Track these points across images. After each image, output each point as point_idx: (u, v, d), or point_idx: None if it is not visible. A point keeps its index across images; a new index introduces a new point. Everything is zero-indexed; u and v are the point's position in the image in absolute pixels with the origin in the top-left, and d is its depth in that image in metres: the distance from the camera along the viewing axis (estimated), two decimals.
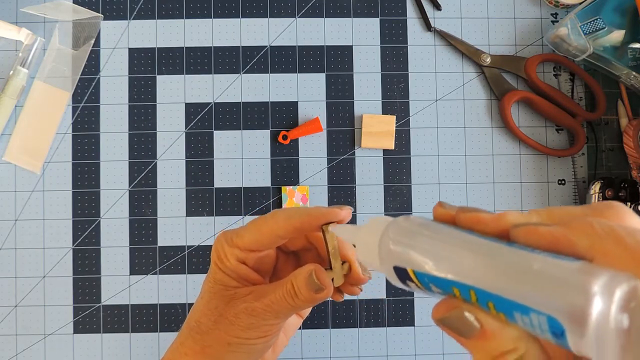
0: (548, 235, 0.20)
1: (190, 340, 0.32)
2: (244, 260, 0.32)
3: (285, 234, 0.31)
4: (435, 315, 0.22)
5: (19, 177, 0.53)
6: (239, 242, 0.32)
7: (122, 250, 0.53)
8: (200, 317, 0.32)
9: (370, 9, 0.55)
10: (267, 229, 0.31)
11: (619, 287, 0.18)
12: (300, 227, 0.31)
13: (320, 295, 0.30)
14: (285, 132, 0.54)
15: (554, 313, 0.18)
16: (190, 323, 0.33)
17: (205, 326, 0.32)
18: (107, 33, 0.54)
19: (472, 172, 0.54)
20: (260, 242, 0.32)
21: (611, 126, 0.55)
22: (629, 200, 0.52)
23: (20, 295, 0.53)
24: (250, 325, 0.30)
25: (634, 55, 0.52)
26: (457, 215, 0.23)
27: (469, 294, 0.21)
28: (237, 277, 0.32)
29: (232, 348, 0.31)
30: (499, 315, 0.20)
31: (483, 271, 0.21)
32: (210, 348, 0.31)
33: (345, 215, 0.31)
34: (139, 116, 0.54)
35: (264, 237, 0.31)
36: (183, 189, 0.54)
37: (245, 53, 0.55)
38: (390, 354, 0.53)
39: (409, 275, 0.23)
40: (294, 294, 0.30)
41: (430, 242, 0.23)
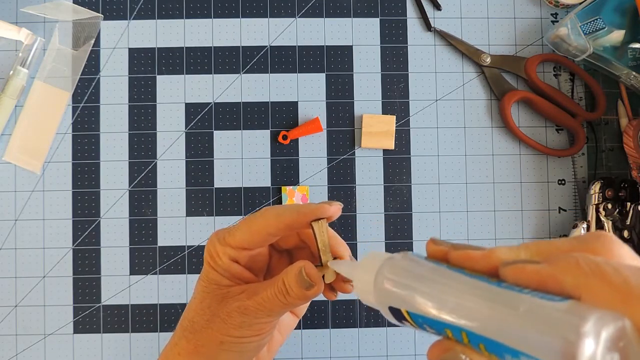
0: (535, 274, 0.20)
1: (183, 340, 0.32)
2: (237, 259, 0.32)
3: (276, 231, 0.31)
4: (431, 357, 0.23)
5: (19, 177, 0.53)
6: (231, 241, 0.32)
7: (122, 250, 0.53)
8: (193, 316, 0.32)
9: (370, 9, 0.55)
10: (258, 227, 0.31)
11: (606, 327, 0.17)
12: (291, 224, 0.31)
13: (311, 292, 0.30)
14: (285, 132, 0.54)
15: (543, 356, 0.18)
16: (184, 323, 0.33)
17: (198, 325, 0.32)
18: (107, 33, 0.54)
19: (472, 172, 0.54)
20: (251, 241, 0.32)
21: (611, 126, 0.55)
22: (629, 200, 0.52)
23: (20, 295, 0.53)
24: (242, 323, 0.30)
25: (634, 55, 0.52)
26: (449, 253, 0.24)
27: (461, 336, 0.21)
28: (229, 275, 0.32)
29: (225, 347, 0.31)
30: (491, 357, 0.21)
31: (473, 314, 0.21)
32: (203, 347, 0.31)
33: (335, 211, 0.31)
34: (139, 116, 0.54)
35: (254, 235, 0.31)
36: (183, 189, 0.54)
37: (245, 53, 0.55)
38: (390, 354, 0.53)
39: (403, 315, 0.24)
40: (285, 292, 0.30)
41: (423, 283, 0.23)
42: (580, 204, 0.54)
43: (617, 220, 0.52)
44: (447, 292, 0.22)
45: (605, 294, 0.18)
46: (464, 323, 0.21)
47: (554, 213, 0.55)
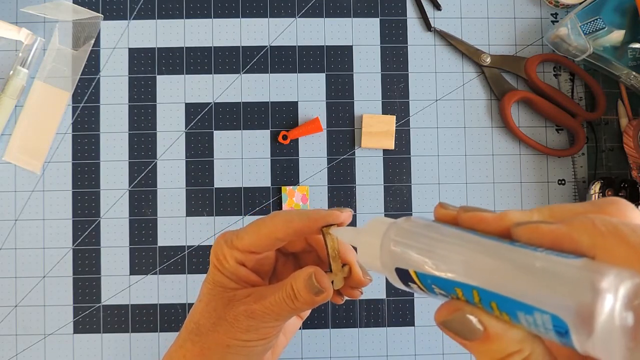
0: (550, 233, 0.20)
1: (189, 343, 0.32)
2: (243, 262, 0.32)
3: (284, 236, 0.31)
4: (438, 318, 0.22)
5: (19, 177, 0.53)
6: (238, 244, 0.31)
7: (122, 250, 0.53)
8: (199, 319, 0.32)
9: (370, 9, 0.55)
10: (266, 231, 0.31)
11: (623, 284, 0.17)
12: (300, 230, 0.31)
13: (320, 298, 0.30)
14: (285, 132, 0.54)
15: (558, 312, 0.18)
16: (189, 325, 0.32)
17: (204, 328, 0.31)
18: (107, 33, 0.54)
19: (472, 172, 0.54)
20: (259, 245, 0.31)
21: (611, 126, 0.55)
22: (629, 200, 0.52)
23: (20, 295, 0.53)
24: (249, 327, 0.30)
25: (634, 55, 0.52)
26: (458, 215, 0.23)
27: (472, 295, 0.21)
28: (236, 278, 0.32)
29: (231, 350, 0.31)
30: (502, 315, 0.20)
31: (485, 271, 0.21)
32: (209, 350, 0.31)
33: (346, 218, 0.31)
34: (139, 116, 0.54)
35: (262, 239, 0.31)
36: (183, 189, 0.54)
37: (245, 53, 0.55)
38: (390, 354, 0.53)
39: (411, 276, 0.23)
40: (293, 297, 0.30)
41: (432, 243, 0.23)
42: None
43: None
44: (458, 250, 0.22)
45: (621, 253, 0.18)
46: (475, 281, 0.21)
47: None
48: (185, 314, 0.53)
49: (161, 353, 0.52)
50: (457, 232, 0.23)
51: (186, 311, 0.53)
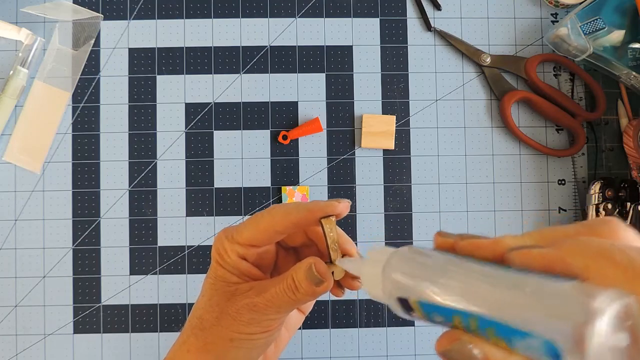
0: (542, 257, 0.20)
1: (192, 338, 0.32)
2: (245, 256, 0.32)
3: (283, 229, 0.32)
4: (439, 348, 0.22)
5: (19, 177, 0.53)
6: (239, 238, 0.32)
7: (122, 250, 0.53)
8: (202, 314, 0.32)
9: (370, 9, 0.55)
10: (265, 224, 0.32)
11: (614, 304, 0.17)
12: (298, 222, 0.31)
13: (321, 289, 0.30)
14: (285, 132, 0.54)
15: (550, 335, 0.18)
16: (192, 320, 0.33)
17: (207, 322, 0.32)
18: (107, 33, 0.54)
19: (472, 172, 0.54)
20: (259, 238, 0.32)
21: (611, 126, 0.55)
22: (629, 200, 0.52)
23: (20, 295, 0.53)
24: (251, 320, 0.31)
25: (634, 55, 0.52)
26: (456, 243, 0.24)
27: (469, 322, 0.21)
28: (238, 272, 0.32)
29: (234, 344, 0.31)
30: (499, 342, 0.20)
31: (480, 297, 0.21)
32: (212, 344, 0.31)
33: (343, 208, 0.31)
34: (139, 116, 0.54)
35: (262, 233, 0.32)
36: (183, 189, 0.54)
37: (245, 53, 0.55)
38: (390, 354, 0.53)
39: (412, 305, 0.24)
40: (294, 288, 0.30)
41: (431, 271, 0.23)
42: (580, 204, 0.54)
43: None
44: (455, 278, 0.22)
45: (612, 274, 0.18)
46: (472, 308, 0.21)
47: (554, 213, 0.55)
48: (185, 314, 0.53)
49: (161, 353, 0.52)
50: (455, 259, 0.23)
51: (186, 311, 0.53)
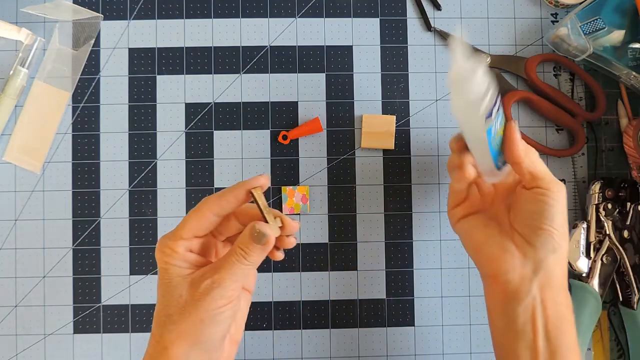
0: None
1: (166, 334, 0.35)
2: (190, 248, 0.37)
3: (219, 210, 0.36)
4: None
5: (19, 177, 0.53)
6: (183, 233, 0.36)
7: (122, 250, 0.53)
8: (167, 311, 0.36)
9: (370, 9, 0.55)
10: (203, 211, 0.36)
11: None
12: (230, 199, 0.36)
13: (265, 245, 0.35)
14: (285, 132, 0.54)
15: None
16: (160, 320, 0.36)
17: (175, 316, 0.35)
18: (107, 33, 0.54)
19: None
20: (199, 226, 0.36)
21: (611, 126, 0.55)
22: (629, 200, 0.52)
23: (20, 295, 0.53)
24: (215, 295, 0.34)
25: (634, 55, 0.52)
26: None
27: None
28: (188, 264, 0.36)
29: (205, 323, 0.34)
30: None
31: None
32: (185, 332, 0.34)
33: (264, 180, 0.37)
34: (139, 116, 0.54)
35: (201, 220, 0.36)
36: (183, 189, 0.54)
37: (245, 53, 0.55)
38: (390, 354, 0.53)
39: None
40: (244, 254, 0.35)
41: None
42: (580, 204, 0.54)
43: (617, 220, 0.52)
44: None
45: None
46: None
47: None
48: None
49: None
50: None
51: None
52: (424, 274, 0.54)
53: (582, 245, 0.51)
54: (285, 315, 0.53)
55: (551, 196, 0.39)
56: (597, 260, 0.51)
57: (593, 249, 0.51)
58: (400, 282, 0.53)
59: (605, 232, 0.51)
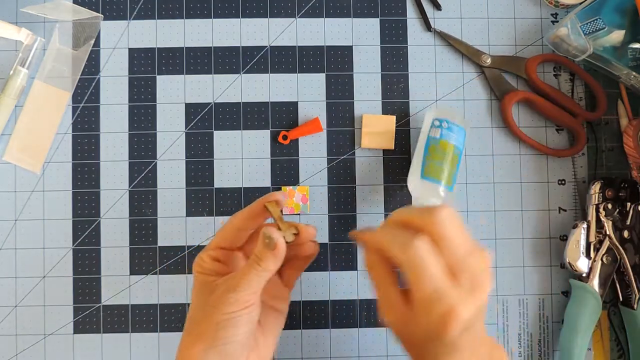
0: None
1: (187, 337, 0.38)
2: (218, 258, 0.40)
3: (241, 224, 0.40)
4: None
5: (19, 177, 0.53)
6: (210, 245, 0.40)
7: (122, 250, 0.53)
8: (192, 315, 0.39)
9: (370, 9, 0.55)
10: (227, 227, 0.40)
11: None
12: (250, 214, 0.40)
13: (276, 251, 0.37)
14: (285, 132, 0.54)
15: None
16: (186, 325, 0.38)
17: (197, 318, 0.38)
18: (107, 33, 0.54)
19: (472, 172, 0.54)
20: (225, 238, 0.40)
21: (611, 126, 0.55)
22: (629, 200, 0.52)
23: (20, 295, 0.53)
24: (230, 299, 0.36)
25: (634, 55, 0.52)
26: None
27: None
28: (214, 273, 0.39)
29: (220, 325, 0.36)
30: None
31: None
32: (203, 333, 0.36)
33: (280, 196, 0.40)
34: (139, 116, 0.54)
35: (227, 233, 0.40)
36: (183, 189, 0.54)
37: (245, 53, 0.55)
38: (391, 354, 0.53)
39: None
40: (257, 260, 0.37)
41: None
42: (580, 204, 0.54)
43: (617, 220, 0.52)
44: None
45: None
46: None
47: (554, 213, 0.55)
48: (185, 313, 0.53)
49: (161, 353, 0.52)
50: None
51: (186, 311, 0.53)
52: None
53: (582, 245, 0.51)
54: None
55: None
56: (597, 260, 0.51)
57: (593, 249, 0.51)
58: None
59: (605, 232, 0.51)
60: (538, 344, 0.54)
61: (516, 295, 0.54)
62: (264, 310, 0.40)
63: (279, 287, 0.42)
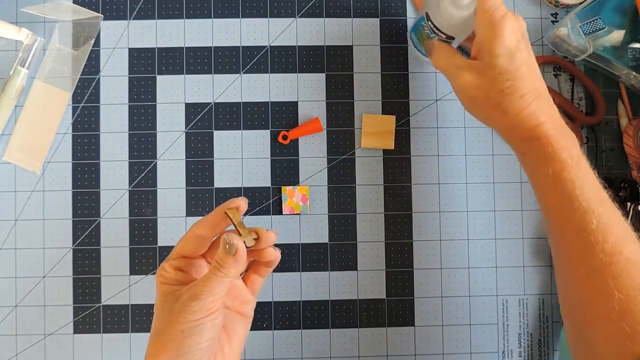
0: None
1: (152, 347, 0.37)
2: (180, 267, 0.40)
3: (202, 231, 0.39)
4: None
5: (19, 177, 0.53)
6: (172, 254, 0.40)
7: (122, 250, 0.53)
8: (157, 325, 0.38)
9: (370, 9, 0.55)
10: (188, 235, 0.40)
11: None
12: (210, 221, 0.39)
13: (237, 256, 0.37)
14: (285, 132, 0.54)
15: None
16: (151, 336, 0.38)
17: (161, 328, 0.37)
18: (107, 33, 0.54)
19: (472, 172, 0.54)
20: (186, 247, 0.40)
21: (611, 126, 0.55)
22: (629, 200, 0.52)
23: (20, 295, 0.53)
24: (194, 306, 0.36)
25: (634, 55, 0.52)
26: None
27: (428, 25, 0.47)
28: (177, 282, 0.39)
29: (185, 333, 0.36)
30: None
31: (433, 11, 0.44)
32: (169, 342, 0.36)
33: (241, 202, 0.39)
34: (139, 116, 0.54)
35: (187, 242, 0.40)
36: (183, 189, 0.54)
37: (245, 53, 0.55)
38: (390, 354, 0.53)
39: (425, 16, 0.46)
40: (218, 266, 0.37)
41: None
42: None
43: None
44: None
45: None
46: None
47: None
48: None
49: None
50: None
51: None
52: (424, 274, 0.54)
53: None
54: (285, 315, 0.53)
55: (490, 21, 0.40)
56: None
57: None
58: (400, 282, 0.53)
59: None
60: (538, 344, 0.54)
61: (516, 295, 0.54)
62: (229, 315, 0.41)
63: (244, 292, 0.42)
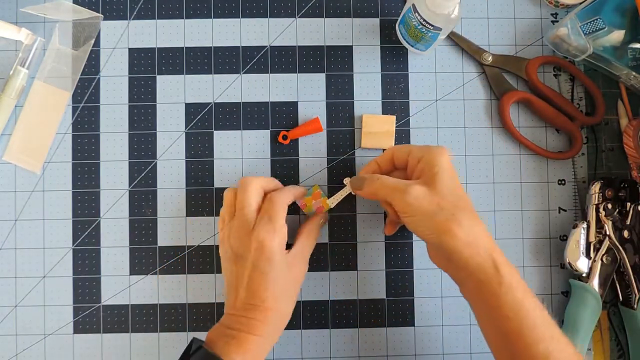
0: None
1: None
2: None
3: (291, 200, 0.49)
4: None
5: (19, 177, 0.53)
6: (275, 226, 0.46)
7: (122, 250, 0.53)
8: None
9: (370, 9, 0.55)
10: (287, 200, 0.48)
11: None
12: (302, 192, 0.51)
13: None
14: (285, 132, 0.54)
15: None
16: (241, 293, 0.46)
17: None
18: (107, 33, 0.54)
19: (472, 172, 0.54)
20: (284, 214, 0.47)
21: (611, 126, 0.55)
22: (629, 200, 0.52)
23: (20, 295, 0.53)
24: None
25: (634, 55, 0.52)
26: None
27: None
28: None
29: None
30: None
31: None
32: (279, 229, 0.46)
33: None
34: (139, 116, 0.54)
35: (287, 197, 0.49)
36: (183, 189, 0.54)
37: (245, 53, 0.55)
38: (390, 354, 0.53)
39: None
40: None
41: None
42: (580, 204, 0.54)
43: (617, 220, 0.52)
44: None
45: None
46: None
47: (554, 213, 0.55)
48: (185, 314, 0.53)
49: (161, 353, 0.52)
50: None
51: (186, 311, 0.53)
52: (424, 274, 0.54)
53: (582, 245, 0.51)
54: None
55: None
56: (597, 260, 0.51)
57: (593, 249, 0.51)
58: (400, 282, 0.53)
59: (605, 232, 0.51)
60: None
61: None
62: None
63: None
